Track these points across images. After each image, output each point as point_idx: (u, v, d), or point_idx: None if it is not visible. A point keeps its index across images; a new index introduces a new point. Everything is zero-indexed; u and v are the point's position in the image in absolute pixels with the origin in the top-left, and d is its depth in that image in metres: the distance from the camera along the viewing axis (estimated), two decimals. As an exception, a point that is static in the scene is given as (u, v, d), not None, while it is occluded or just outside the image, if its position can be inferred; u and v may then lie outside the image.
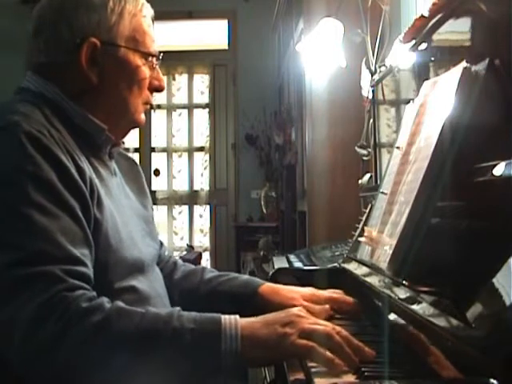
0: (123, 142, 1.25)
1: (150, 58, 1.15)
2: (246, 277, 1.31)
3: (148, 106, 1.19)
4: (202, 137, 5.47)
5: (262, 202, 5.12)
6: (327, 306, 1.19)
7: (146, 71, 1.15)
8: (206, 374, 0.88)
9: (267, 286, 1.26)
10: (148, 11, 1.17)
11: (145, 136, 5.38)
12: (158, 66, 1.19)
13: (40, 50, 1.11)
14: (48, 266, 0.88)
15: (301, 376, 0.90)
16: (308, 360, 0.89)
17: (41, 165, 0.94)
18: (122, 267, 1.05)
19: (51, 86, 1.09)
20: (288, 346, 0.88)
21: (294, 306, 1.06)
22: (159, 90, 1.20)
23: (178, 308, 0.94)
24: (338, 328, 0.92)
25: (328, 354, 0.86)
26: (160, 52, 1.19)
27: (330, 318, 1.15)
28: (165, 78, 1.24)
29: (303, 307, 1.03)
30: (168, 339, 0.87)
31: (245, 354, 0.88)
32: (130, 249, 1.08)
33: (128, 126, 1.20)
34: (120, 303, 0.91)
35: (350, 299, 1.24)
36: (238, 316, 0.92)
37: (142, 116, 1.19)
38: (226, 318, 0.90)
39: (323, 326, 0.91)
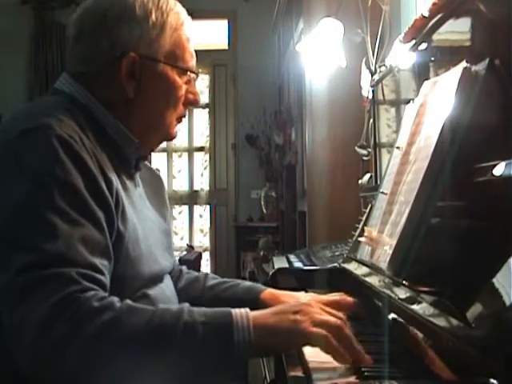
0: (150, 154, 1.23)
1: (187, 73, 1.14)
2: (248, 283, 1.31)
3: (181, 120, 1.18)
4: (202, 137, 5.48)
5: (262, 202, 5.12)
6: None
7: (183, 87, 1.13)
8: (220, 365, 0.87)
9: (268, 293, 1.25)
10: (189, 23, 1.15)
11: (145, 136, 5.37)
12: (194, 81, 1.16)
13: (78, 57, 1.10)
14: (64, 268, 0.87)
15: (300, 375, 0.90)
16: (320, 348, 0.87)
17: (70, 170, 0.92)
18: (139, 281, 1.05)
19: (85, 92, 1.08)
20: (301, 333, 0.87)
21: None
22: (194, 103, 1.18)
23: (187, 304, 0.93)
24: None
25: (341, 347, 0.86)
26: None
27: None
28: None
29: None
30: (180, 333, 0.86)
31: (258, 344, 0.87)
32: (148, 263, 1.07)
33: (160, 139, 1.19)
34: (130, 302, 0.91)
35: (350, 300, 1.24)
36: (248, 308, 0.91)
37: (175, 130, 1.17)
38: (237, 310, 0.89)
39: (334, 317, 0.91)
